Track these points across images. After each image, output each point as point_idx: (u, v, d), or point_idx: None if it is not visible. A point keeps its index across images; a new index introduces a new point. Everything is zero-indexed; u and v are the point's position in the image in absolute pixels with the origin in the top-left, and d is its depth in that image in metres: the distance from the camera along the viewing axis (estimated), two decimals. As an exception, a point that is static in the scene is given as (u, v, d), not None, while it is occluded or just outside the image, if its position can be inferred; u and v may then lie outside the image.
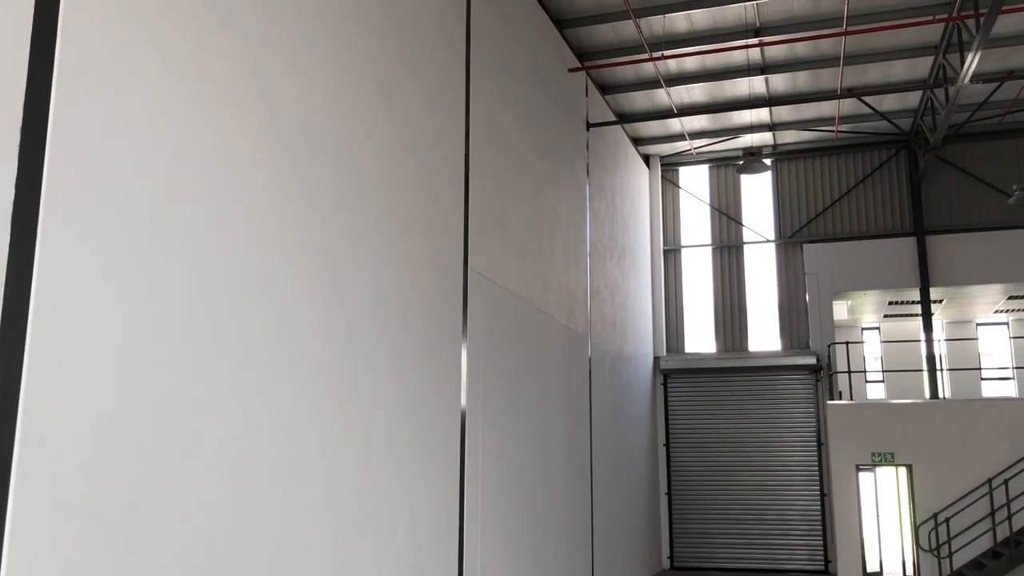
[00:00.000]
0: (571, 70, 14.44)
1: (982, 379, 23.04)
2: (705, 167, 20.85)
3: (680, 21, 14.24)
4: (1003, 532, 14.35)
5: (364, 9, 7.76)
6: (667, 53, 14.74)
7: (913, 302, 20.20)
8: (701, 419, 19.25)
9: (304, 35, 6.79)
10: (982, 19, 11.41)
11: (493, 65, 10.92)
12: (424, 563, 8.13)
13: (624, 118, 17.77)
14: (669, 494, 19.06)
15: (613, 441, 15.65)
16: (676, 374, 19.58)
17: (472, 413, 9.47)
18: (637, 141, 19.65)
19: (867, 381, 23.47)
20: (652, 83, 16.50)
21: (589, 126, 15.39)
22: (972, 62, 12.21)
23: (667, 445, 19.29)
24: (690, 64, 15.83)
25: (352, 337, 7.17)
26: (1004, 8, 12.88)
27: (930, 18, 13.42)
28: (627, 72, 16.17)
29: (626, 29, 14.45)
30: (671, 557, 18.84)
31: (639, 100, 17.39)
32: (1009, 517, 14.04)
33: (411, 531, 7.93)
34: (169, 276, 5.21)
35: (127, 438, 4.80)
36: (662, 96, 17.13)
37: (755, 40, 14.48)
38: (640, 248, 19.09)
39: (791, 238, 19.79)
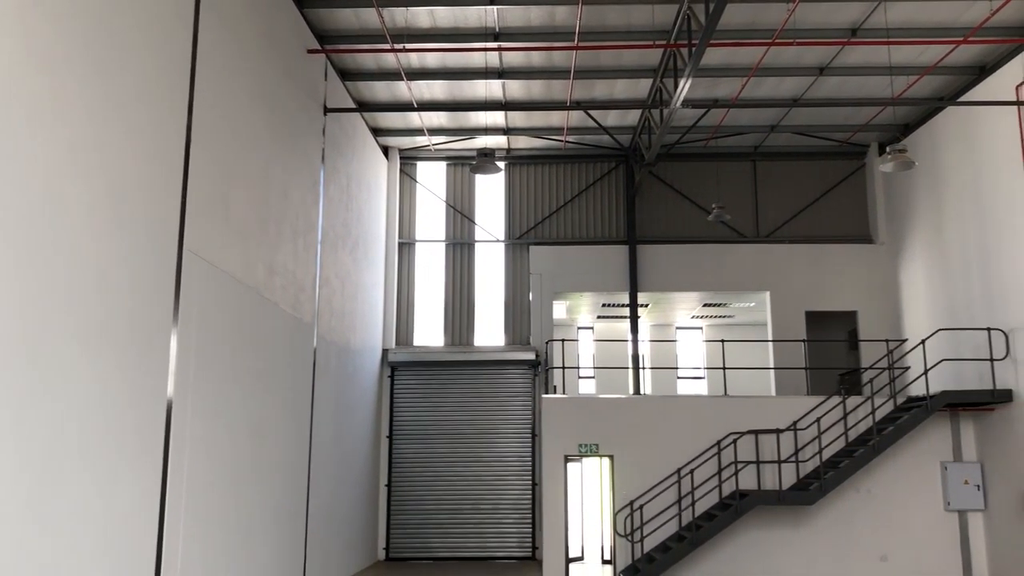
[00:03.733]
0: (310, 51, 14.04)
1: (678, 378, 25.36)
2: (443, 164, 21.16)
3: (423, 16, 14.31)
4: (688, 517, 15.85)
5: (74, -45, 7.03)
6: (409, 46, 14.77)
7: (623, 305, 21.78)
8: (425, 412, 19.52)
9: (-3, -26, 6.02)
10: (694, 49, 12.50)
11: (225, 37, 10.34)
12: (115, 564, 7.52)
13: (364, 107, 17.59)
14: (389, 486, 19.15)
15: (335, 433, 15.43)
16: (403, 367, 19.70)
17: (180, 403, 8.90)
18: (377, 131, 19.53)
19: (580, 377, 25.01)
20: (393, 75, 16.46)
21: (327, 111, 15.05)
22: (684, 88, 13.34)
23: (390, 437, 19.36)
24: (431, 60, 15.97)
25: (39, 315, 6.46)
26: (712, 42, 14.23)
27: (650, 43, 14.50)
28: (368, 60, 16.01)
29: (369, 16, 14.29)
30: (387, 548, 18.94)
31: (380, 90, 17.29)
32: (693, 504, 15.52)
33: (101, 530, 7.29)
34: None
35: None
36: (403, 89, 17.15)
37: (494, 44, 14.89)
38: (374, 239, 18.99)
39: (519, 239, 20.61)
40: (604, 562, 17.70)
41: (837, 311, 19.96)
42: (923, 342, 15.98)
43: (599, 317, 24.53)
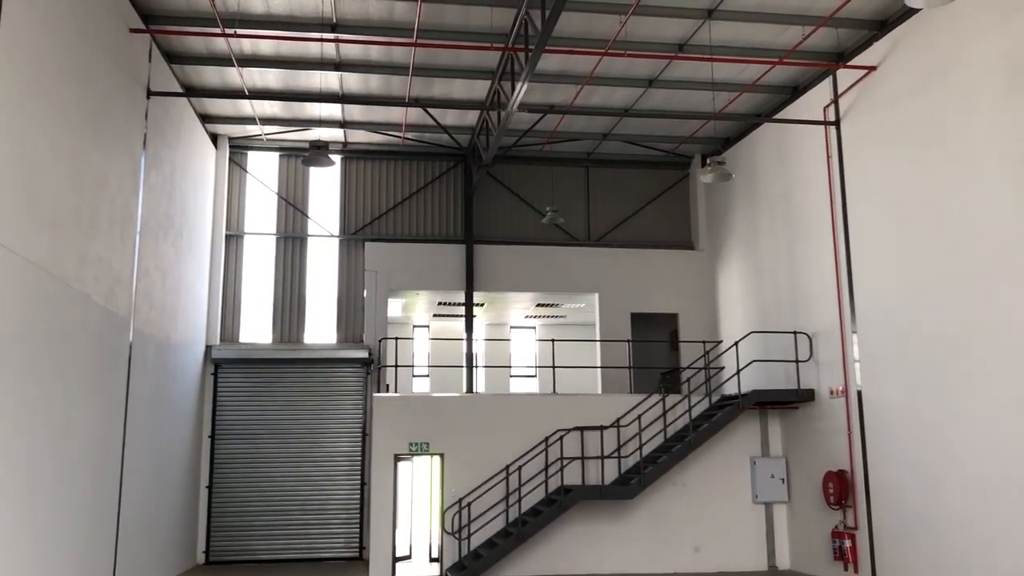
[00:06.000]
0: (133, 31, 13.29)
1: (511, 376, 25.76)
2: (275, 155, 20.54)
3: (257, 2, 13.83)
4: (515, 513, 16.11)
5: None
6: (241, 32, 14.24)
7: (459, 304, 21.89)
8: (251, 410, 18.86)
9: None
10: (531, 53, 12.72)
11: (33, 9, 9.60)
12: None
13: (191, 92, 16.81)
14: (210, 487, 18.37)
15: (152, 433, 14.67)
16: (228, 364, 18.96)
17: (-28, 401, 8.21)
18: (205, 118, 18.70)
19: (414, 375, 24.94)
20: (224, 60, 15.82)
21: (150, 94, 14.29)
22: (520, 91, 13.55)
23: (213, 437, 18.59)
24: (265, 48, 15.46)
25: None
26: (548, 48, 14.52)
27: (488, 45, 14.63)
28: (197, 44, 15.30)
29: (198, -2, 13.68)
30: (207, 552, 18.18)
31: (209, 75, 16.56)
32: (520, 500, 15.81)
33: None
34: None
35: None
36: (234, 75, 16.51)
37: (331, 35, 14.59)
38: (199, 230, 18.19)
39: (354, 235, 20.30)
40: (432, 560, 17.72)
41: (660, 313, 20.85)
42: (736, 344, 16.95)
43: (435, 316, 24.55)
